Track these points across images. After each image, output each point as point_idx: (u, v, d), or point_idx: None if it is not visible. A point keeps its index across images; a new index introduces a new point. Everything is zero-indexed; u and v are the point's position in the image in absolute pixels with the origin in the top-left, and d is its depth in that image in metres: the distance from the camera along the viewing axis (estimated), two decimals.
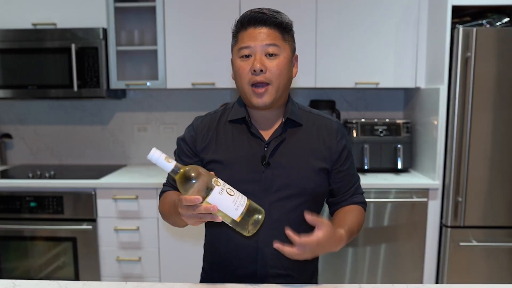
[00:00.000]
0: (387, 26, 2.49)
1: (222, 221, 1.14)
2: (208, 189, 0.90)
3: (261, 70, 1.07)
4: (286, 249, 0.98)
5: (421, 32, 2.47)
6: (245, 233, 0.96)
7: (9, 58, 2.51)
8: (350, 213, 1.20)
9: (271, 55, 1.09)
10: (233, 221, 0.94)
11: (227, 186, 0.94)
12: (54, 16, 2.53)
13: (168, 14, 2.51)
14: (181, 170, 0.92)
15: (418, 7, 2.46)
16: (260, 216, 0.95)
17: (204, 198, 0.90)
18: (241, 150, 1.14)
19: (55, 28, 2.51)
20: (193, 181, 0.90)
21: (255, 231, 0.96)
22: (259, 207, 0.96)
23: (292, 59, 1.15)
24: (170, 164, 0.92)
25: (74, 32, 2.48)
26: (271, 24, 1.09)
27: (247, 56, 1.10)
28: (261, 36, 1.08)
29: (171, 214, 1.11)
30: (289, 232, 0.98)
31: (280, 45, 1.09)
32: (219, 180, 0.94)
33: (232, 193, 0.93)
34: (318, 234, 0.98)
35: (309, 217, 1.00)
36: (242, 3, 2.48)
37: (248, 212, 0.93)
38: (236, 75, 1.13)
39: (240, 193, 0.95)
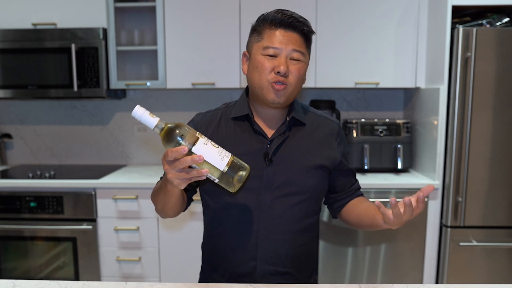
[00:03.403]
0: (387, 26, 2.49)
1: (229, 220, 1.14)
2: (193, 143, 0.91)
3: (285, 73, 1.09)
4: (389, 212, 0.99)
5: (421, 32, 2.47)
6: (231, 189, 0.96)
7: (9, 58, 2.51)
8: (366, 201, 1.24)
9: (294, 59, 1.11)
10: (219, 174, 0.93)
11: (211, 140, 0.95)
12: (54, 16, 2.53)
13: (168, 14, 2.51)
14: (165, 126, 0.92)
15: (418, 7, 2.46)
16: (244, 173, 0.95)
17: (189, 151, 0.91)
18: (243, 146, 1.15)
19: (55, 28, 2.51)
20: (177, 136, 0.91)
21: (239, 187, 0.96)
22: (243, 163, 0.96)
23: None
24: (154, 119, 0.92)
25: (74, 32, 2.48)
26: (300, 32, 1.11)
27: (272, 56, 1.10)
28: (290, 40, 1.10)
29: (160, 192, 1.12)
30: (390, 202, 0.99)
31: (304, 53, 1.12)
32: (203, 135, 0.95)
33: (216, 146, 0.94)
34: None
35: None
36: (242, 3, 2.48)
37: (233, 165, 0.94)
38: (255, 70, 1.12)
39: (224, 149, 0.95)
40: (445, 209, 2.27)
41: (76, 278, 2.42)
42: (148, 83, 2.58)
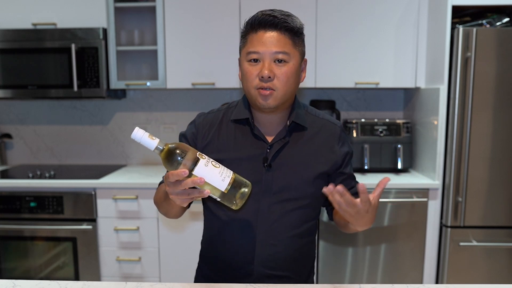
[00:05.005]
0: (387, 26, 2.49)
1: (229, 224, 1.13)
2: (194, 164, 0.91)
3: (269, 77, 1.06)
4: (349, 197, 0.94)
5: (421, 32, 2.47)
6: (233, 207, 0.96)
7: (9, 58, 2.51)
8: None
9: (280, 61, 1.07)
10: (221, 194, 0.93)
11: (212, 160, 0.94)
12: (54, 16, 2.53)
13: (168, 14, 2.51)
14: (165, 147, 0.92)
15: (418, 7, 2.46)
16: (246, 189, 0.95)
17: (190, 172, 0.90)
18: (243, 150, 1.14)
19: (55, 28, 2.51)
20: (178, 157, 0.91)
21: (242, 204, 0.96)
22: (245, 180, 0.96)
23: (301, 63, 1.13)
24: (153, 141, 0.92)
25: (74, 32, 2.48)
26: (282, 29, 1.06)
27: (255, 61, 1.08)
28: (271, 41, 1.06)
29: (163, 201, 1.12)
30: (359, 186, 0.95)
31: (290, 52, 1.07)
32: (204, 154, 0.94)
33: (217, 166, 0.93)
34: (375, 196, 0.97)
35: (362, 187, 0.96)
36: (242, 3, 2.48)
37: (235, 184, 0.93)
38: (243, 78, 1.12)
39: (225, 167, 0.95)
40: (445, 209, 2.27)
41: (76, 278, 2.42)
42: (148, 83, 2.58)
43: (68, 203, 2.36)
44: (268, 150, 1.14)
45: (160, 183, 1.25)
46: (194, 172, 0.90)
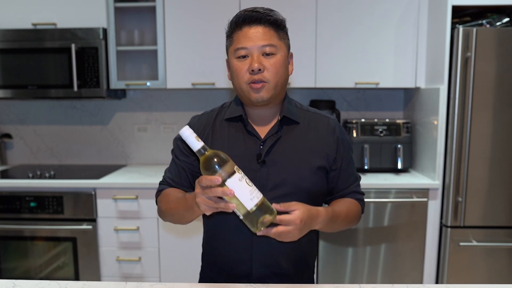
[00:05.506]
0: (387, 26, 2.49)
1: (226, 222, 1.13)
2: (228, 175, 0.93)
3: (259, 69, 1.07)
4: (274, 231, 0.98)
5: (421, 32, 2.47)
6: (254, 230, 0.97)
7: (9, 58, 2.51)
8: (340, 202, 1.20)
9: (268, 54, 1.09)
10: (246, 212, 0.95)
11: (247, 177, 0.96)
12: (54, 16, 2.53)
13: (168, 14, 2.51)
14: (207, 152, 0.95)
15: (418, 7, 2.46)
16: (270, 217, 0.96)
17: (223, 182, 0.93)
18: (237, 148, 1.14)
19: (55, 28, 2.51)
20: (216, 165, 0.93)
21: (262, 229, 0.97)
22: (272, 207, 0.98)
23: (288, 56, 1.15)
24: (198, 143, 0.95)
25: (74, 32, 2.48)
26: (266, 22, 1.09)
27: (244, 57, 1.09)
28: (257, 36, 1.08)
29: (178, 209, 1.10)
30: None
31: (276, 44, 1.10)
32: (241, 170, 0.96)
33: (250, 184, 0.95)
34: (295, 213, 0.99)
35: (277, 206, 0.99)
36: (242, 3, 2.48)
37: (261, 207, 0.95)
38: (233, 75, 1.13)
39: (257, 188, 0.97)
40: (445, 209, 2.27)
41: (76, 278, 2.42)
42: (148, 83, 2.58)
43: (68, 203, 2.36)
44: (261, 146, 1.14)
45: (159, 191, 1.24)
46: (226, 183, 0.93)
